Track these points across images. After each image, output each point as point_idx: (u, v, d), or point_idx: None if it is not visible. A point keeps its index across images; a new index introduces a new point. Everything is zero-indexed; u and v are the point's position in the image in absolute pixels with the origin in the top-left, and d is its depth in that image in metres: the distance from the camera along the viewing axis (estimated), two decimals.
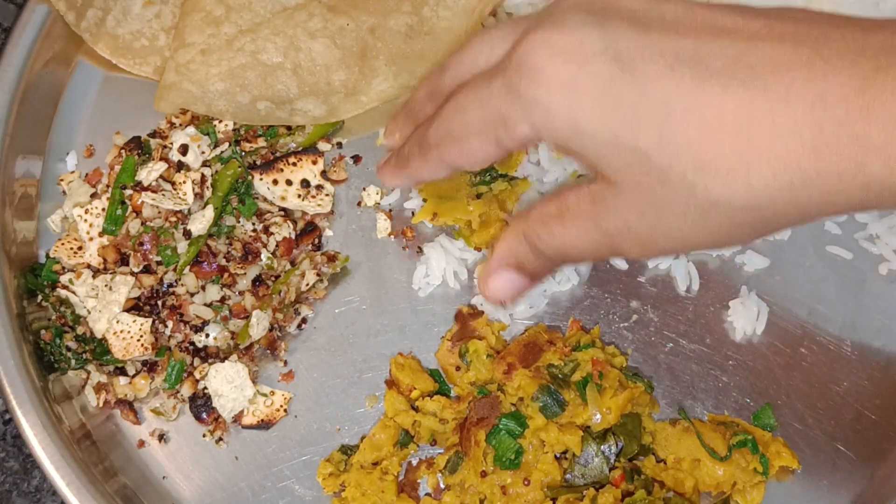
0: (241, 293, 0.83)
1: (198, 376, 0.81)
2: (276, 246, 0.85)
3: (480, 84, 0.60)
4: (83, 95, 0.92)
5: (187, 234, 0.83)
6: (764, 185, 0.51)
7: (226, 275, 0.83)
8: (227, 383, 0.81)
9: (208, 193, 0.85)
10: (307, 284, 0.84)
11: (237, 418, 0.82)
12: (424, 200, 0.87)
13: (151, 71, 0.92)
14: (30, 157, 0.89)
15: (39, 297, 0.84)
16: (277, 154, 0.89)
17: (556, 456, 0.77)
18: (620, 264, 0.86)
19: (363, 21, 0.91)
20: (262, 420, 0.82)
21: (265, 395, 0.82)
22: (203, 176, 0.85)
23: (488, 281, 0.64)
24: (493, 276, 0.63)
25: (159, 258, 0.82)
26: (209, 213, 0.83)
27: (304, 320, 0.85)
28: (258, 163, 0.87)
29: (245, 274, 0.83)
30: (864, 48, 0.50)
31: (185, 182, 0.84)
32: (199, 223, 0.82)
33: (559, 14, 0.57)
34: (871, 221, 0.86)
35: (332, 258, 0.86)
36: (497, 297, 0.65)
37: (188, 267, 0.82)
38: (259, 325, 0.82)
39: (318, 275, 0.85)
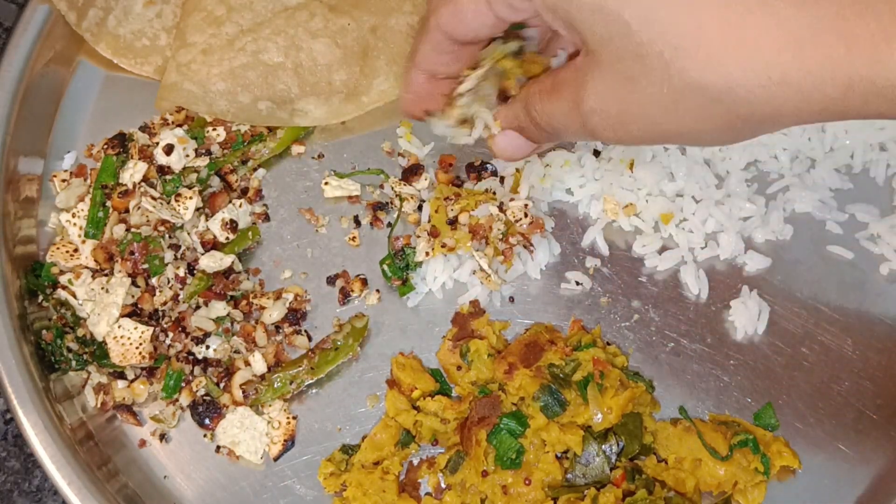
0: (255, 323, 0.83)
1: (195, 388, 0.81)
2: None
3: None
4: (84, 95, 0.92)
5: (174, 247, 0.82)
6: (742, 76, 0.51)
7: (243, 302, 0.83)
8: (241, 431, 0.80)
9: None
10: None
11: None
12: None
13: (152, 71, 0.92)
14: (31, 157, 0.89)
15: (40, 298, 0.84)
16: (249, 162, 0.88)
17: (557, 455, 0.77)
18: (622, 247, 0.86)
19: (364, 21, 0.91)
20: (283, 441, 0.81)
21: (274, 424, 0.81)
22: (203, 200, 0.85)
23: (496, 138, 0.69)
24: (499, 135, 0.68)
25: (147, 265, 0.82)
26: (227, 260, 0.82)
27: (303, 316, 0.85)
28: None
29: (265, 309, 0.83)
30: None
31: (191, 198, 0.84)
32: (213, 261, 0.81)
33: None
34: (872, 221, 0.86)
35: None
36: (503, 153, 0.70)
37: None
38: (258, 363, 0.82)
39: None
